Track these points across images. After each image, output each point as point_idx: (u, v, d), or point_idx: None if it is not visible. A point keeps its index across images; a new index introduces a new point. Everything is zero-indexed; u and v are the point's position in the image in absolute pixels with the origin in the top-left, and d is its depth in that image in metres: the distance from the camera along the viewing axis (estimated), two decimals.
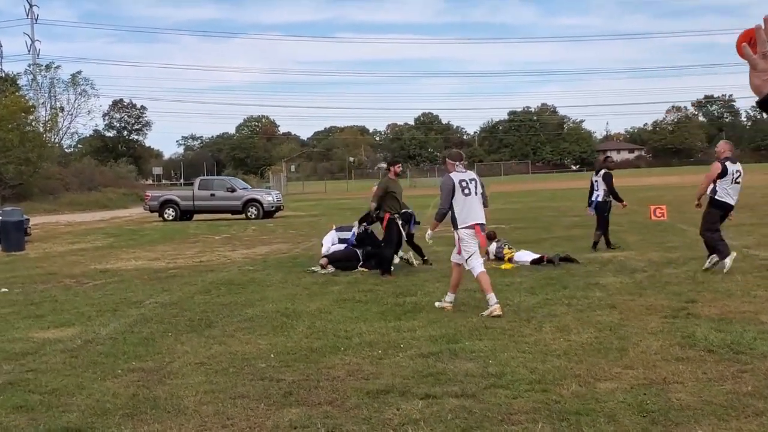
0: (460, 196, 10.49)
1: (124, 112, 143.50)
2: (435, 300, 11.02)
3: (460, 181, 10.56)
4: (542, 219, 28.46)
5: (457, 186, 10.51)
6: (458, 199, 10.49)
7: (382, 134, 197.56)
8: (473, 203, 10.54)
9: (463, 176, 10.66)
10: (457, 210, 10.49)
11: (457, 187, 10.51)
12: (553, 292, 11.35)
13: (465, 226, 10.44)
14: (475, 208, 10.55)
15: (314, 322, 9.83)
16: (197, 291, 13.14)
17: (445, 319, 9.70)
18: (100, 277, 15.84)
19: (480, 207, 10.68)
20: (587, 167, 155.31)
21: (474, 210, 10.52)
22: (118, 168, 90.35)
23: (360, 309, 10.69)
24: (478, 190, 10.67)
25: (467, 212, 10.46)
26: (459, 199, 10.49)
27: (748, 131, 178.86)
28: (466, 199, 10.49)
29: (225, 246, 22.89)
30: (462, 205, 10.48)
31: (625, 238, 18.70)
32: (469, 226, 10.43)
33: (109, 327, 10.13)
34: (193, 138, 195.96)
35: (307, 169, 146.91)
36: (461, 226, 10.46)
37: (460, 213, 10.48)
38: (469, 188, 10.54)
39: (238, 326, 9.86)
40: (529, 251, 14.97)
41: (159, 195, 40.75)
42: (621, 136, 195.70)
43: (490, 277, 10.50)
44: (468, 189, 10.53)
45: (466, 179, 10.62)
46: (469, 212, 10.47)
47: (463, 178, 10.63)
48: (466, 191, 10.51)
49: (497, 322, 9.32)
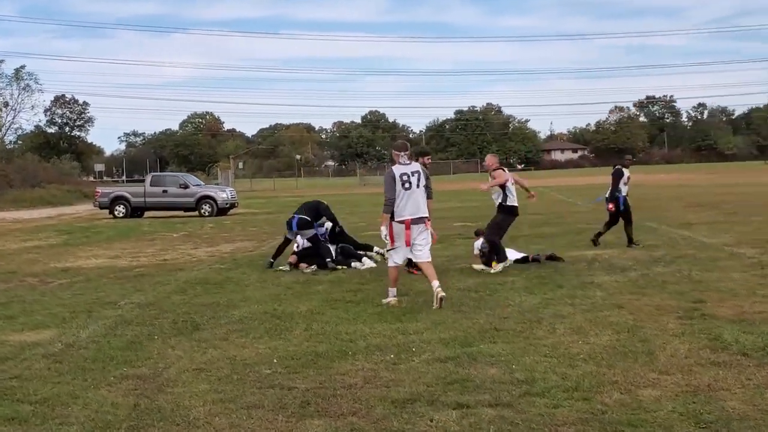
0: (400, 189, 10.46)
1: (66, 108, 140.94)
2: (422, 297, 10.64)
3: (401, 174, 10.53)
4: None
5: (398, 179, 10.49)
6: (398, 192, 10.48)
7: (329, 132, 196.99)
8: (413, 197, 10.52)
9: (405, 169, 10.60)
10: (396, 202, 10.49)
11: (398, 180, 10.48)
12: (551, 291, 10.93)
13: (398, 220, 10.48)
14: (414, 202, 10.54)
15: (310, 324, 9.27)
16: (172, 291, 12.49)
17: (448, 320, 9.20)
18: (63, 275, 15.08)
19: (422, 201, 10.68)
20: (534, 166, 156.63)
21: (412, 204, 10.51)
22: (62, 164, 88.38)
23: (354, 310, 10.16)
24: (420, 183, 10.64)
25: (403, 206, 10.46)
26: (398, 192, 10.47)
27: (689, 131, 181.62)
28: (404, 192, 10.48)
29: (186, 244, 22.17)
30: (400, 199, 10.47)
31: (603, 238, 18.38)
32: (401, 221, 10.47)
33: (88, 329, 9.46)
34: (135, 134, 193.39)
35: (253, 166, 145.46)
36: (397, 219, 10.50)
37: (397, 206, 10.48)
38: (410, 182, 10.51)
39: (228, 329, 9.27)
40: (513, 249, 14.56)
41: (109, 191, 39.69)
42: (563, 136, 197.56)
43: (479, 277, 10.10)
44: (408, 183, 10.50)
45: (408, 172, 10.57)
46: (405, 206, 10.46)
47: (405, 171, 10.58)
48: (406, 185, 10.48)
49: (506, 324, 8.87)
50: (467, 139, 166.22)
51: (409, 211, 10.49)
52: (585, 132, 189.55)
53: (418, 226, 10.61)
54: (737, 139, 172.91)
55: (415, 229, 10.58)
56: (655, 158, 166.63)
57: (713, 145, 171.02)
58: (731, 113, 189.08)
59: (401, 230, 10.51)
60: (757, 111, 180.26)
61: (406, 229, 10.48)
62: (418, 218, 10.57)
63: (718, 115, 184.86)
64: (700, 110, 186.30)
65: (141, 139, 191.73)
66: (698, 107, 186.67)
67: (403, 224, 10.48)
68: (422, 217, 10.64)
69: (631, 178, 16.65)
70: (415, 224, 10.56)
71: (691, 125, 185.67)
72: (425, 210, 10.76)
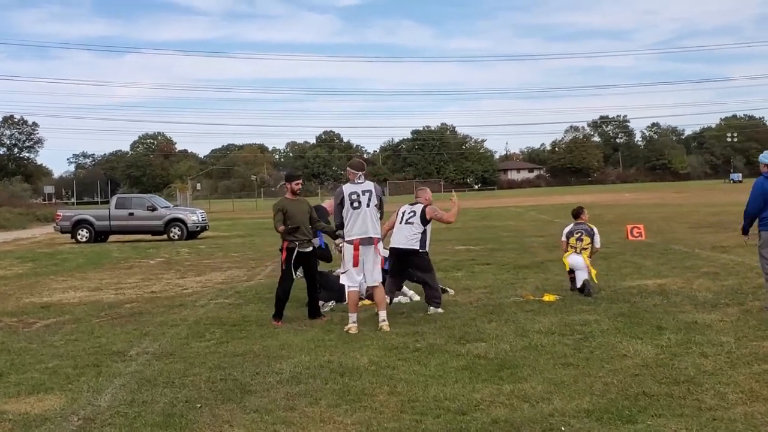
0: (348, 209, 10.23)
1: (15, 129, 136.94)
2: (504, 344, 8.86)
3: (350, 193, 10.26)
4: (503, 239, 26.31)
5: (347, 199, 10.26)
6: (346, 212, 10.26)
7: (282, 152, 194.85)
8: (361, 216, 10.21)
9: (355, 188, 10.30)
10: (345, 222, 10.29)
11: (346, 200, 10.25)
12: (657, 336, 9.07)
13: (348, 239, 10.28)
14: (363, 221, 10.21)
15: (392, 386, 7.32)
16: (188, 335, 10.45)
17: (565, 378, 7.34)
18: (46, 314, 12.97)
19: (371, 220, 10.28)
20: (490, 186, 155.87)
21: (360, 223, 10.21)
22: (12, 186, 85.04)
23: (431, 362, 8.23)
24: (371, 203, 10.28)
25: (351, 225, 10.23)
26: (347, 212, 10.25)
27: (643, 151, 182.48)
28: (353, 212, 10.22)
29: (168, 272, 20.05)
30: (348, 218, 10.24)
31: (641, 263, 16.70)
32: (349, 240, 10.24)
33: (106, 394, 7.44)
34: (84, 156, 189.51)
35: (208, 187, 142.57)
36: (347, 239, 10.31)
37: (347, 225, 10.28)
38: (359, 201, 10.21)
39: (287, 391, 7.30)
40: (580, 257, 12.72)
41: (71, 215, 37.11)
42: (517, 156, 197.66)
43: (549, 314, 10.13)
44: (358, 202, 10.20)
45: (358, 191, 10.26)
46: (353, 225, 10.21)
47: (355, 190, 10.28)
48: (355, 204, 10.20)
49: (649, 385, 6.96)
50: (424, 158, 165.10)
51: (357, 231, 10.17)
52: (540, 152, 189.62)
53: (368, 247, 10.22)
54: (691, 158, 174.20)
55: (364, 250, 10.20)
56: (611, 178, 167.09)
57: (668, 164, 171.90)
58: (681, 133, 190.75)
59: (350, 251, 10.23)
60: (710, 131, 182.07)
61: (355, 249, 10.17)
62: (366, 238, 10.19)
63: (669, 135, 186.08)
64: (654, 130, 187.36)
65: (91, 161, 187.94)
66: (652, 127, 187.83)
67: (352, 244, 10.19)
68: (371, 237, 10.23)
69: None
70: (363, 245, 10.19)
71: (645, 144, 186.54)
72: (374, 230, 10.30)
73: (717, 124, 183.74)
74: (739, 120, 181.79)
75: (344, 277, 10.46)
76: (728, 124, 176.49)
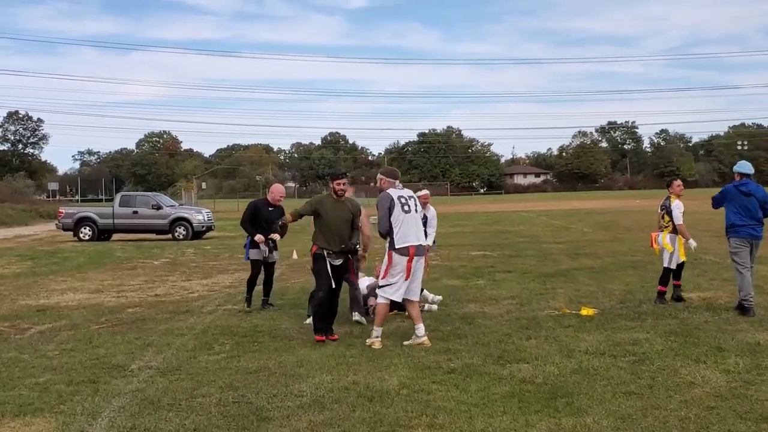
0: (400, 213, 9.27)
1: (19, 125, 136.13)
2: (551, 366, 7.87)
3: (399, 197, 9.38)
4: (519, 245, 25.29)
5: (396, 202, 9.31)
6: (397, 216, 9.26)
7: (287, 153, 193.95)
8: (414, 221, 9.35)
9: (401, 192, 9.50)
10: (396, 229, 9.25)
11: (396, 203, 9.29)
12: (719, 359, 8.12)
13: (401, 247, 9.20)
14: (417, 226, 9.41)
15: (434, 416, 6.35)
16: (195, 347, 9.51)
17: (629, 408, 6.37)
18: (41, 318, 12.04)
19: (420, 226, 9.50)
20: (496, 190, 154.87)
21: (415, 229, 9.34)
22: (15, 183, 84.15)
23: (470, 387, 7.27)
24: (418, 208, 9.55)
25: (406, 231, 9.25)
26: (398, 216, 9.26)
27: (651, 157, 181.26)
28: (405, 216, 9.28)
29: (173, 274, 19.12)
30: (401, 224, 9.25)
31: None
32: (404, 248, 9.19)
33: (102, 418, 6.51)
34: (90, 153, 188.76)
35: (213, 186, 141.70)
36: (398, 247, 9.22)
37: (398, 232, 9.24)
38: (408, 205, 9.36)
39: (309, 421, 6.34)
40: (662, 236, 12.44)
41: (74, 212, 36.11)
42: (523, 160, 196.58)
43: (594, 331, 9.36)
44: (408, 206, 9.34)
45: (405, 195, 9.46)
46: (407, 231, 9.25)
47: (402, 194, 9.47)
48: (406, 208, 9.32)
49: (740, 426, 5.99)
50: (430, 161, 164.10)
51: (414, 237, 9.28)
52: (546, 157, 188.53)
53: (420, 257, 9.40)
54: (699, 166, 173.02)
55: (416, 260, 9.33)
56: (618, 184, 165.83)
57: (676, 171, 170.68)
58: (689, 140, 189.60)
59: (404, 263, 9.19)
60: (718, 138, 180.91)
61: (409, 260, 9.18)
62: (421, 246, 9.38)
63: (676, 142, 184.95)
64: (662, 137, 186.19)
65: (96, 158, 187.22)
66: (660, 133, 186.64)
67: (407, 255, 9.19)
68: (423, 245, 9.47)
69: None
70: (417, 255, 9.32)
71: (653, 151, 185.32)
72: (423, 237, 9.56)
73: (726, 132, 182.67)
74: (747, 128, 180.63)
75: (388, 288, 9.29)
76: (737, 132, 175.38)
